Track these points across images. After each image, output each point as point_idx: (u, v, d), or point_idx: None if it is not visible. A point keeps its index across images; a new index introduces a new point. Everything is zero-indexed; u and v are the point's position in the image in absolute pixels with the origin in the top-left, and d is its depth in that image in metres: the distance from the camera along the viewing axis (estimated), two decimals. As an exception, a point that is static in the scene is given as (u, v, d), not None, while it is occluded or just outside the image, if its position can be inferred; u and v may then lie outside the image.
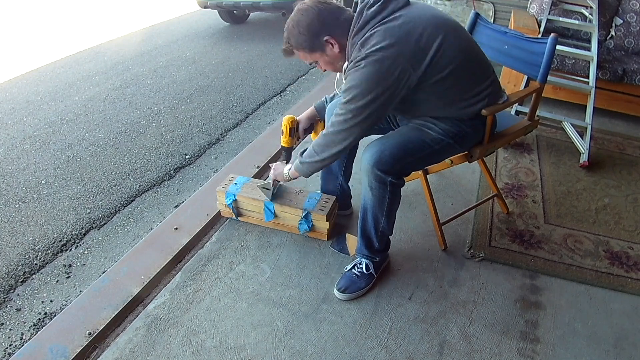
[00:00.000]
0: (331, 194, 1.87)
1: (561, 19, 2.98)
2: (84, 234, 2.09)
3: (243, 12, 5.43)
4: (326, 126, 1.44)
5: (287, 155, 1.75)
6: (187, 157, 2.72)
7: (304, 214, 1.78)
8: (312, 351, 1.41)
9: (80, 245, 2.03)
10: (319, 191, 1.93)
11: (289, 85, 3.85)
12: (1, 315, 1.69)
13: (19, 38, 5.05)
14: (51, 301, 1.74)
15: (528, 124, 1.75)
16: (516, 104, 2.61)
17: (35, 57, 4.32)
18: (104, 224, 2.16)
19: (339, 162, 1.81)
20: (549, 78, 1.92)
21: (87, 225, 2.15)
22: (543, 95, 1.76)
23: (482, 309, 1.59)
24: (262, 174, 2.32)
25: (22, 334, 1.61)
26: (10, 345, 1.57)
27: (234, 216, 1.91)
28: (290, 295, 1.61)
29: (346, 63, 1.36)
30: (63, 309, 1.62)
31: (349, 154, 1.81)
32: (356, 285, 1.61)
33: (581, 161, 2.48)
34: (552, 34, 1.60)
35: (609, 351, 1.47)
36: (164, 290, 1.62)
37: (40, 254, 1.97)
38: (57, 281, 1.84)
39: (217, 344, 1.42)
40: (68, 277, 1.86)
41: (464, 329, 1.51)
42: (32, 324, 1.65)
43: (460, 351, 1.44)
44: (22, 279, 1.85)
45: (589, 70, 2.75)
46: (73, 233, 2.09)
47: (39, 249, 2.00)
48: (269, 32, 5.25)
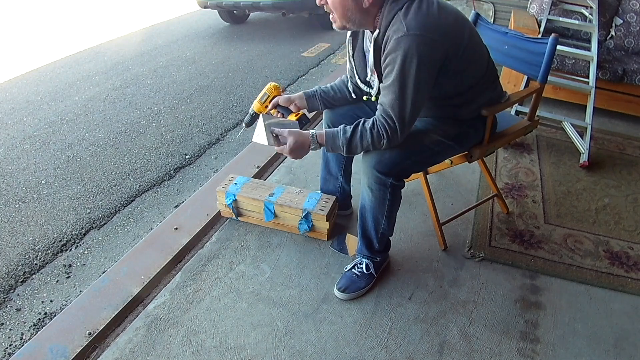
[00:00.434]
0: (331, 194, 1.87)
1: (561, 19, 2.98)
2: (84, 234, 2.09)
3: (243, 12, 5.43)
4: (383, 122, 1.30)
5: (252, 120, 1.62)
6: (187, 157, 2.72)
7: (304, 214, 1.78)
8: (312, 351, 1.41)
9: (80, 245, 2.03)
10: (319, 191, 1.93)
11: (289, 85, 3.85)
12: (1, 315, 1.69)
13: (19, 38, 5.05)
14: (51, 301, 1.74)
15: (528, 124, 1.75)
16: (516, 104, 2.61)
17: (35, 57, 4.32)
18: (104, 224, 2.16)
19: (338, 163, 1.81)
20: (549, 78, 1.92)
21: (87, 225, 2.15)
22: (543, 95, 1.76)
23: (482, 309, 1.59)
24: (262, 174, 2.32)
25: (22, 334, 1.61)
26: (10, 345, 1.57)
27: (234, 216, 1.91)
28: (290, 295, 1.61)
29: (376, 32, 1.27)
30: (63, 309, 1.62)
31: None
32: (356, 285, 1.61)
33: (581, 161, 2.48)
34: (553, 34, 1.61)
35: (609, 351, 1.47)
36: (164, 290, 1.62)
37: (40, 254, 1.97)
38: (57, 281, 1.84)
39: (217, 344, 1.42)
40: (68, 277, 1.86)
41: (464, 329, 1.51)
42: (32, 324, 1.65)
43: (460, 351, 1.44)
44: (22, 279, 1.85)
45: (589, 70, 2.75)
46: (73, 233, 2.09)
47: (39, 249, 2.00)
48: (269, 32, 5.25)
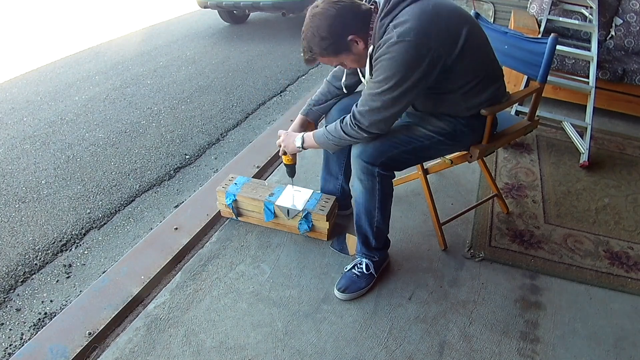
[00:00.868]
0: (331, 194, 1.87)
1: (561, 19, 2.98)
2: (84, 234, 2.09)
3: (243, 12, 5.43)
4: (349, 116, 1.38)
5: (291, 170, 1.74)
6: (187, 157, 2.72)
7: (304, 214, 1.78)
8: (312, 351, 1.41)
9: (80, 245, 2.03)
10: (319, 191, 1.92)
11: (289, 85, 3.85)
12: (1, 315, 1.69)
13: (19, 38, 5.05)
14: (51, 301, 1.74)
15: (528, 124, 1.75)
16: (516, 104, 2.61)
17: (35, 57, 4.32)
18: (104, 224, 2.16)
19: (339, 163, 1.81)
20: (549, 78, 1.92)
21: (87, 225, 2.15)
22: (543, 95, 1.76)
23: (482, 309, 1.59)
24: (262, 174, 2.32)
25: (22, 334, 1.61)
26: (10, 345, 1.57)
27: (234, 216, 1.91)
28: (290, 295, 1.61)
29: (370, 48, 1.31)
30: (63, 309, 1.62)
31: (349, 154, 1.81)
32: (356, 285, 1.60)
33: (581, 161, 2.48)
34: (552, 34, 1.60)
35: (609, 351, 1.47)
36: (164, 290, 1.62)
37: (40, 254, 1.97)
38: (57, 281, 1.84)
39: (217, 344, 1.42)
40: (68, 277, 1.86)
41: (464, 329, 1.51)
42: (32, 324, 1.65)
43: (460, 351, 1.44)
44: (22, 279, 1.85)
45: (589, 70, 2.75)
46: (73, 233, 2.09)
47: (39, 249, 2.00)
48: (269, 32, 5.25)
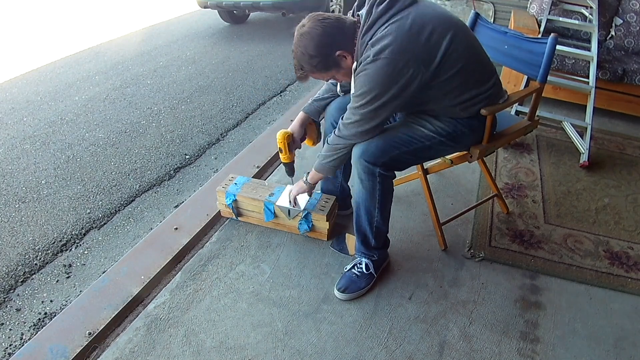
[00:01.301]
0: (331, 194, 1.87)
1: (561, 19, 2.98)
2: (84, 234, 2.09)
3: (243, 12, 5.44)
4: (335, 130, 1.46)
5: (290, 169, 1.76)
6: (187, 157, 2.72)
7: (304, 214, 1.78)
8: (312, 351, 1.41)
9: (80, 245, 2.03)
10: (319, 191, 1.92)
11: (289, 85, 3.85)
12: (1, 315, 1.69)
13: (19, 38, 5.05)
14: (51, 301, 1.74)
15: (528, 124, 1.75)
16: (516, 104, 2.61)
17: (35, 57, 4.32)
18: (104, 224, 2.16)
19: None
20: (549, 78, 1.92)
21: (87, 225, 2.15)
22: (543, 95, 1.76)
23: (482, 309, 1.59)
24: (262, 174, 2.32)
25: (22, 334, 1.61)
26: (10, 345, 1.57)
27: (234, 216, 1.91)
28: (290, 295, 1.61)
29: (355, 64, 1.35)
30: (63, 309, 1.62)
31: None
32: (356, 285, 1.61)
33: (581, 161, 2.48)
34: (552, 34, 1.60)
35: (609, 351, 1.47)
36: (164, 290, 1.62)
37: (40, 254, 1.97)
38: (57, 281, 1.84)
39: (217, 344, 1.42)
40: (68, 277, 1.86)
41: (464, 329, 1.51)
42: (32, 324, 1.65)
43: (460, 351, 1.44)
44: (22, 279, 1.85)
45: (589, 70, 2.75)
46: (73, 233, 2.09)
47: (39, 249, 2.00)
48: (269, 32, 5.26)
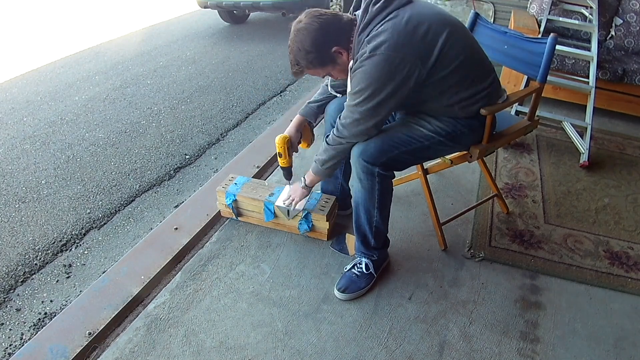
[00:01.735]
0: (331, 194, 1.87)
1: (561, 19, 2.98)
2: (84, 234, 2.09)
3: (243, 12, 5.44)
4: (333, 130, 1.45)
5: (288, 173, 1.75)
6: (187, 157, 2.72)
7: (304, 214, 1.78)
8: (312, 351, 1.41)
9: (80, 245, 2.03)
10: (319, 191, 1.92)
11: (289, 85, 3.85)
12: (1, 315, 1.69)
13: (19, 38, 5.05)
14: (51, 301, 1.74)
15: (528, 124, 1.75)
16: (516, 104, 2.61)
17: (35, 57, 4.32)
18: (104, 224, 2.16)
19: (339, 162, 1.82)
20: (549, 78, 1.92)
21: (87, 225, 2.15)
22: (543, 95, 1.76)
23: (482, 309, 1.59)
24: (262, 174, 2.32)
25: (22, 334, 1.61)
26: (10, 345, 1.57)
27: (234, 216, 1.91)
28: (290, 295, 1.61)
29: (351, 62, 1.35)
30: (63, 309, 1.62)
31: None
32: (356, 285, 1.61)
33: (581, 161, 2.48)
34: (552, 34, 1.60)
35: (609, 351, 1.47)
36: (164, 290, 1.62)
37: (40, 254, 1.97)
38: (57, 281, 1.84)
39: (217, 344, 1.42)
40: (68, 277, 1.86)
41: (464, 329, 1.51)
42: (32, 324, 1.65)
43: (460, 351, 1.44)
44: (22, 279, 1.85)
45: (589, 70, 2.75)
46: (73, 233, 2.09)
47: (39, 249, 2.00)
48: (269, 32, 5.26)
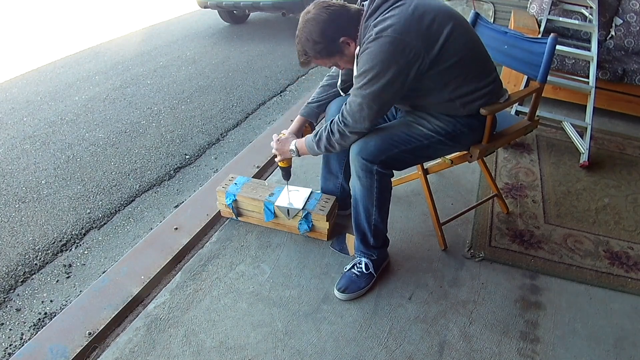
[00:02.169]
0: (331, 194, 1.87)
1: (561, 19, 2.98)
2: (84, 234, 2.09)
3: (243, 12, 5.43)
4: (339, 115, 1.42)
5: (287, 173, 1.75)
6: (187, 157, 2.72)
7: (304, 214, 1.78)
8: (312, 351, 1.41)
9: (80, 245, 2.03)
10: (319, 191, 1.92)
11: (289, 85, 3.85)
12: (1, 315, 1.69)
13: (19, 38, 5.05)
14: (51, 301, 1.74)
15: (528, 124, 1.75)
16: (516, 103, 2.61)
17: (35, 57, 4.32)
18: (104, 224, 2.16)
19: (339, 162, 1.81)
20: (549, 78, 1.92)
21: (87, 225, 2.15)
22: (543, 95, 1.76)
23: (482, 309, 1.59)
24: (262, 174, 2.32)
25: (22, 334, 1.61)
26: (10, 345, 1.57)
27: (234, 216, 1.91)
28: (290, 295, 1.61)
29: (358, 48, 1.35)
30: (63, 309, 1.62)
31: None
32: (356, 284, 1.61)
33: (581, 161, 2.48)
34: (552, 34, 1.60)
35: (609, 351, 1.47)
36: (164, 290, 1.62)
37: (40, 254, 1.97)
38: (57, 281, 1.84)
39: (217, 344, 1.42)
40: (68, 277, 1.86)
41: (464, 329, 1.51)
42: (32, 324, 1.65)
43: (460, 351, 1.44)
44: (22, 279, 1.85)
45: (589, 70, 2.75)
46: (73, 233, 2.09)
47: (39, 249, 2.00)
48: (269, 32, 5.25)
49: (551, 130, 2.84)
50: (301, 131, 1.71)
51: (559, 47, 2.54)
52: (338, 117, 1.42)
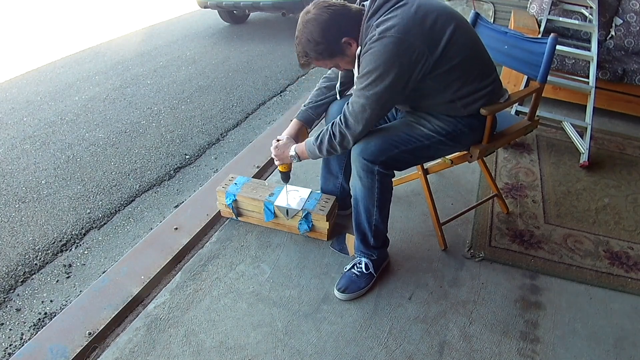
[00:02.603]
0: (331, 194, 1.87)
1: (561, 19, 2.98)
2: (84, 234, 2.09)
3: (243, 12, 5.43)
4: (341, 116, 1.41)
5: (286, 176, 1.74)
6: (187, 157, 2.72)
7: (304, 214, 1.78)
8: (312, 351, 1.41)
9: (80, 245, 2.03)
10: (319, 191, 1.92)
11: (289, 85, 3.85)
12: (1, 315, 1.69)
13: (19, 38, 5.05)
14: (51, 301, 1.74)
15: (528, 124, 1.75)
16: (516, 103, 2.61)
17: (35, 57, 4.32)
18: (104, 224, 2.16)
19: (339, 162, 1.81)
20: (549, 78, 1.92)
21: (87, 225, 2.15)
22: (543, 95, 1.76)
23: (482, 309, 1.59)
24: (262, 174, 2.32)
25: (22, 334, 1.61)
26: (10, 345, 1.57)
27: (234, 216, 1.91)
28: (290, 295, 1.61)
29: (359, 49, 1.35)
30: (63, 309, 1.62)
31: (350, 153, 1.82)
32: (356, 284, 1.61)
33: (581, 161, 2.48)
34: (552, 34, 1.60)
35: (609, 351, 1.47)
36: (164, 290, 1.62)
37: (40, 254, 1.97)
38: (57, 281, 1.84)
39: (217, 344, 1.42)
40: (68, 277, 1.86)
41: (464, 329, 1.51)
42: (32, 324, 1.65)
43: (460, 351, 1.44)
44: (22, 279, 1.85)
45: (589, 70, 2.75)
46: (73, 233, 2.09)
47: (39, 249, 2.00)
48: (269, 32, 5.25)
49: (551, 130, 2.84)
50: (298, 135, 1.69)
51: (559, 47, 2.54)
52: (340, 118, 1.41)
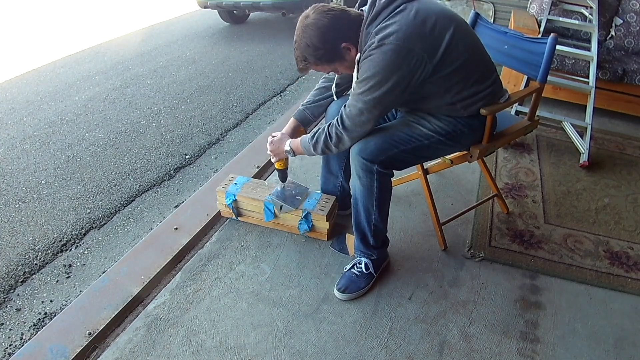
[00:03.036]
0: (331, 194, 1.87)
1: (561, 19, 2.98)
2: (84, 234, 2.09)
3: (243, 12, 5.44)
4: (338, 118, 1.41)
5: (284, 175, 1.75)
6: (187, 157, 2.72)
7: (304, 214, 1.78)
8: (312, 351, 1.41)
9: (80, 245, 2.03)
10: (319, 191, 1.92)
11: (289, 85, 3.85)
12: (1, 315, 1.69)
13: (19, 38, 5.05)
14: (51, 301, 1.74)
15: (528, 124, 1.75)
16: (516, 103, 2.61)
17: (35, 57, 4.32)
18: (104, 224, 2.16)
19: (339, 162, 1.81)
20: (549, 78, 1.92)
21: (87, 225, 2.15)
22: (543, 95, 1.76)
23: (482, 309, 1.59)
24: (262, 174, 2.32)
25: (22, 334, 1.61)
26: (10, 345, 1.57)
27: (234, 216, 1.91)
28: (290, 295, 1.61)
29: (358, 55, 1.35)
30: (63, 309, 1.62)
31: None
32: (356, 284, 1.61)
33: (581, 161, 2.48)
34: (552, 34, 1.60)
35: (609, 351, 1.47)
36: (164, 290, 1.62)
37: (40, 254, 1.97)
38: (57, 281, 1.84)
39: (217, 344, 1.42)
40: (68, 277, 1.86)
41: (464, 329, 1.51)
42: (32, 324, 1.65)
43: (460, 351, 1.44)
44: (22, 279, 1.85)
45: (589, 70, 2.75)
46: (73, 233, 2.09)
47: (39, 249, 2.00)
48: (269, 32, 5.26)
49: (551, 130, 2.84)
50: (294, 134, 1.69)
51: (559, 47, 2.54)
52: (337, 120, 1.41)
